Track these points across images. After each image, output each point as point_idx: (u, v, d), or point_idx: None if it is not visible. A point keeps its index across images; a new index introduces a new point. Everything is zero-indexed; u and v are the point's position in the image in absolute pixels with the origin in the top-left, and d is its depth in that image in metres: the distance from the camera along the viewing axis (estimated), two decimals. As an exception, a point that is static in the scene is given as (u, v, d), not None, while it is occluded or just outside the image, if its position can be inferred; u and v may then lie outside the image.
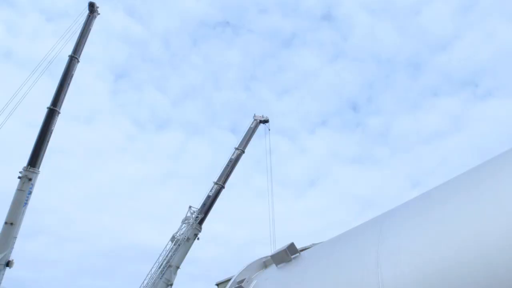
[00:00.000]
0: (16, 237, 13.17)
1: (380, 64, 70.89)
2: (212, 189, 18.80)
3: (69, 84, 15.87)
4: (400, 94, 69.43)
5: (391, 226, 3.68)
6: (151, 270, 16.33)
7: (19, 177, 13.57)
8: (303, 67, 68.75)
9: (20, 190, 13.37)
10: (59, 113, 15.16)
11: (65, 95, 15.58)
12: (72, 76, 16.13)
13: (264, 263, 5.39)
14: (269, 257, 5.20)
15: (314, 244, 5.63)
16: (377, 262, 3.33)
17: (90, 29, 16.87)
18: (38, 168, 14.06)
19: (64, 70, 15.99)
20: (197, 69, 69.60)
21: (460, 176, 3.40)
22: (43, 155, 14.37)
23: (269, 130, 22.99)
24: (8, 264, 12.81)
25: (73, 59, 16.16)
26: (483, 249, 2.53)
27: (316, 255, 4.51)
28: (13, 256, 13.08)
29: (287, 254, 4.68)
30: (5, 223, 12.88)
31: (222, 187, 19.01)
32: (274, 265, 4.95)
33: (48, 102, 15.17)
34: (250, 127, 21.49)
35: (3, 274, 12.64)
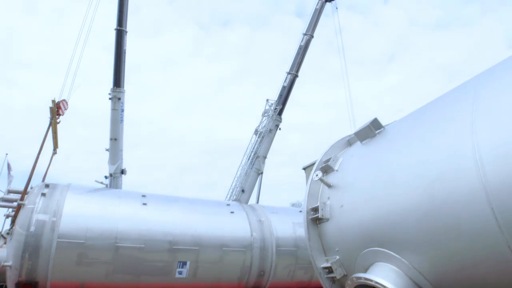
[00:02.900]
0: (122, 150, 15.04)
1: None
2: (286, 79, 18.63)
3: (127, 1, 15.89)
4: None
5: (486, 87, 3.31)
6: (241, 162, 17.67)
7: (109, 98, 14.87)
8: None
9: (113, 109, 14.74)
10: (126, 32, 15.54)
11: (127, 13, 15.72)
12: None
13: (348, 141, 5.40)
14: (353, 135, 5.17)
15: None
16: (471, 126, 3.09)
17: None
18: (123, 87, 15.15)
19: None
20: (250, -46, 63.63)
21: None
22: (123, 75, 15.30)
23: (337, 8, 21.25)
24: (122, 172, 14.95)
25: None
26: None
27: (402, 127, 4.34)
28: (124, 165, 15.16)
29: (371, 130, 4.60)
30: (110, 139, 14.65)
31: (295, 75, 18.70)
32: (358, 142, 4.94)
33: (114, 23, 15.57)
34: (315, 9, 19.93)
35: (121, 181, 14.86)
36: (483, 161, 2.84)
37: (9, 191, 12.16)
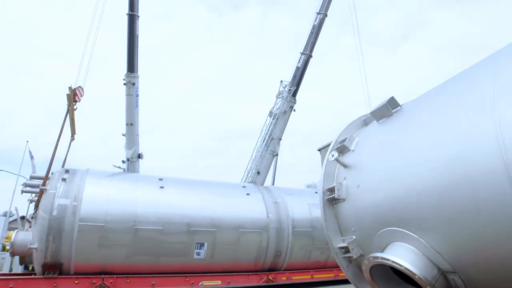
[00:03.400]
0: (138, 135, 15.22)
1: None
2: (299, 60, 18.38)
3: None
4: None
5: (509, 60, 3.18)
6: (256, 144, 17.70)
7: (124, 84, 14.96)
8: None
9: (128, 95, 14.86)
10: (138, 16, 15.49)
11: (138, -4, 15.64)
12: None
13: (364, 121, 5.31)
14: (369, 115, 5.08)
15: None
16: (493, 101, 2.98)
17: None
18: (137, 72, 15.21)
19: None
20: None
21: None
22: (137, 60, 15.34)
23: None
24: (139, 156, 15.18)
25: None
26: None
27: (420, 105, 4.23)
28: (141, 150, 15.37)
29: (388, 108, 4.50)
30: (126, 124, 14.83)
31: (309, 56, 18.42)
32: (375, 122, 4.86)
33: (126, 8, 15.51)
34: (329, -14, 19.47)
35: (138, 165, 15.10)
36: (505, 138, 2.75)
37: (32, 177, 12.51)
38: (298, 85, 18.00)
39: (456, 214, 3.07)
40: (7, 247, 12.23)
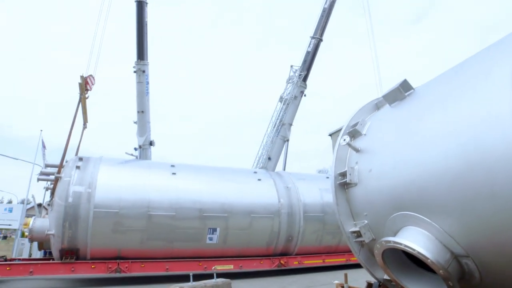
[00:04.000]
0: (149, 122, 15.31)
1: None
2: (310, 44, 18.13)
3: None
4: None
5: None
6: (267, 130, 17.66)
7: (134, 72, 14.99)
8: None
9: (138, 82, 14.91)
10: (146, 3, 15.40)
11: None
12: None
13: (376, 105, 5.24)
14: (381, 98, 5.01)
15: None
16: (510, 81, 2.90)
17: None
18: (147, 60, 15.20)
19: None
20: None
21: None
22: (147, 47, 15.32)
23: None
24: (151, 143, 15.31)
25: None
26: None
27: (434, 87, 4.14)
28: (152, 138, 15.48)
29: (401, 92, 4.42)
30: (138, 112, 14.92)
31: (320, 40, 18.16)
32: (387, 105, 4.78)
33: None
34: (339, -33, 18.98)
35: (150, 152, 15.24)
36: (522, 120, 2.68)
37: (47, 165, 12.74)
38: (308, 69, 17.79)
39: (471, 198, 3.02)
40: (26, 234, 12.59)
